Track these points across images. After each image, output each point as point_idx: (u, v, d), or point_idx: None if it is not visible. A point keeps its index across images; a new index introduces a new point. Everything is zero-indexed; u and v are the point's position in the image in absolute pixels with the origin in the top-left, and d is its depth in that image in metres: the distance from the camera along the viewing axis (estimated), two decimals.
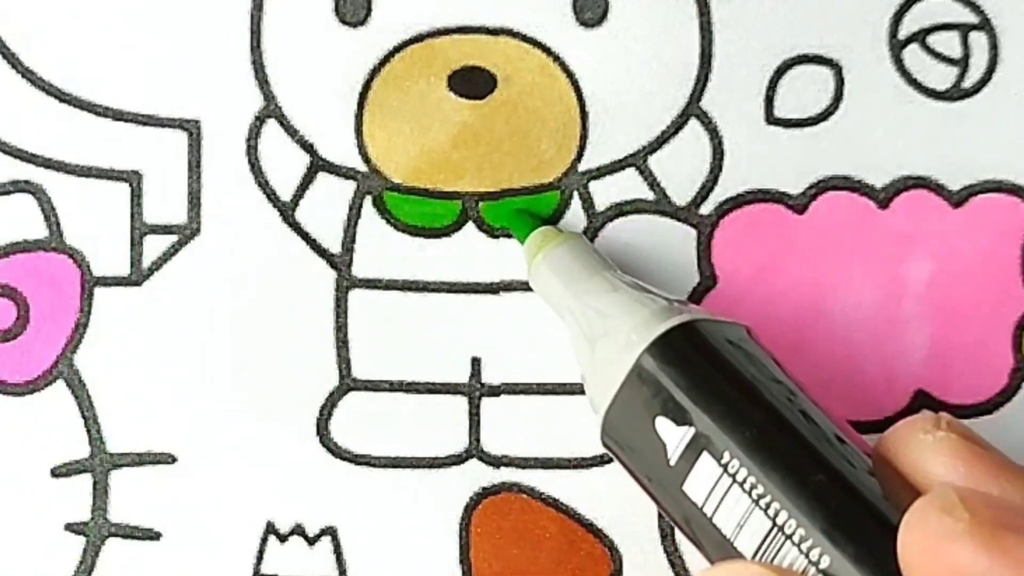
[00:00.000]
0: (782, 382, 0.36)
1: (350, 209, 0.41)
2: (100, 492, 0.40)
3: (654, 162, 0.41)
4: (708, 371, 0.35)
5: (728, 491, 0.34)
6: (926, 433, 0.33)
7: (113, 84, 0.41)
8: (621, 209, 0.41)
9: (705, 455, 0.34)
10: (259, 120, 0.41)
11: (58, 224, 0.41)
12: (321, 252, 0.41)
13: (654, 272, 0.40)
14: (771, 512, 0.34)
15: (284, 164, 0.41)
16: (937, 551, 0.30)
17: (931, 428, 0.33)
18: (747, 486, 0.34)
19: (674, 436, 0.35)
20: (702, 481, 0.35)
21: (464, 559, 0.40)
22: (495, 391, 0.41)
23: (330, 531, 0.40)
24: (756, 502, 0.34)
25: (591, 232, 0.40)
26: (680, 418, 0.35)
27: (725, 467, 0.34)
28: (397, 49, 0.41)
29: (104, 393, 0.41)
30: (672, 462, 0.35)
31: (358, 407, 0.41)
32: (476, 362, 0.41)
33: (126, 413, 0.41)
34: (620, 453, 0.37)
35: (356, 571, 0.40)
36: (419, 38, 0.41)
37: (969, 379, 0.40)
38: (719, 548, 0.35)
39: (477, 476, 0.40)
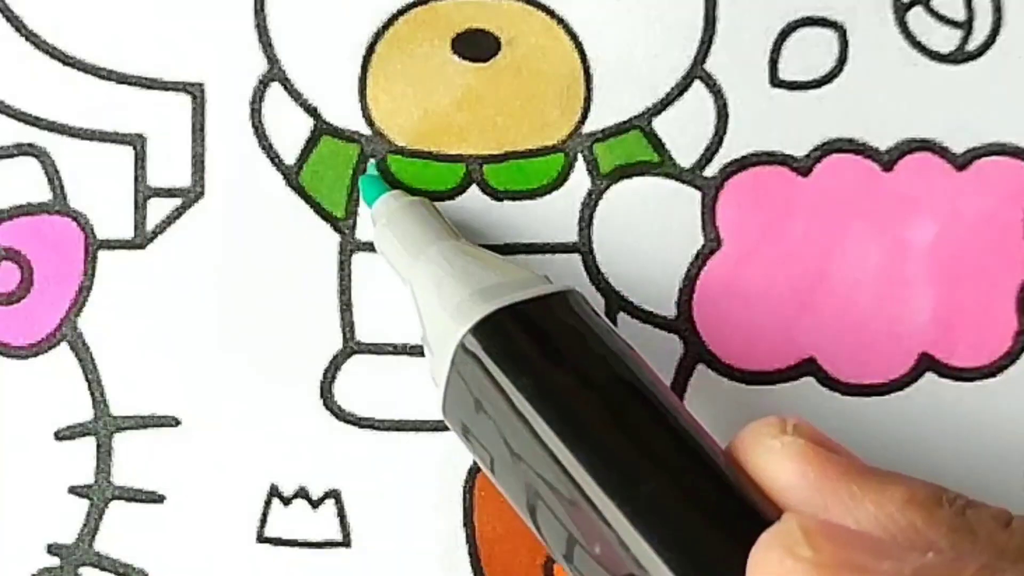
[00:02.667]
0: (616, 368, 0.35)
1: (354, 172, 0.41)
2: (104, 455, 0.40)
3: (659, 124, 0.41)
4: (533, 360, 0.35)
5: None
6: (773, 438, 0.33)
7: (117, 47, 0.41)
8: (625, 171, 0.40)
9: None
10: (263, 83, 0.41)
11: (62, 187, 0.41)
12: (325, 216, 0.41)
13: (658, 234, 0.40)
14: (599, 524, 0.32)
15: (288, 127, 0.41)
16: None
17: (777, 433, 0.33)
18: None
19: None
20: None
21: (468, 522, 0.40)
22: None
23: (334, 494, 0.40)
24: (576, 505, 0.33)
25: (596, 194, 0.40)
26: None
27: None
28: (401, 12, 0.41)
29: (108, 356, 0.41)
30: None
31: (362, 370, 0.41)
32: None
33: (130, 376, 0.41)
34: (458, 434, 0.36)
35: (360, 534, 0.40)
36: (422, 1, 0.41)
37: (973, 342, 0.40)
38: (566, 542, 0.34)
39: None
